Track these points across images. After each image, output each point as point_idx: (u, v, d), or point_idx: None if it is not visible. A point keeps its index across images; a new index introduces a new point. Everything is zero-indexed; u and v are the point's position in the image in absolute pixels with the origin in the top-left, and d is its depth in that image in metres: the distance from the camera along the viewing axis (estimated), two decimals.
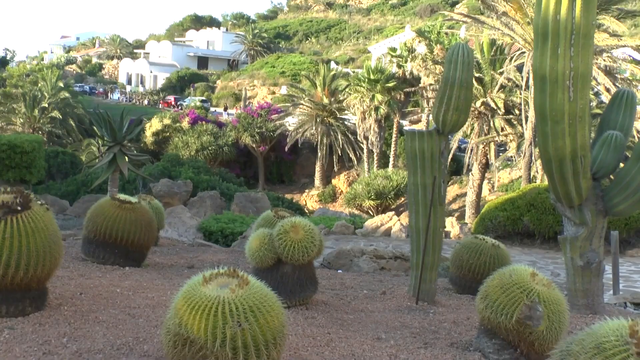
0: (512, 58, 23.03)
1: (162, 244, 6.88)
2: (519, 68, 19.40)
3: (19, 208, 3.29)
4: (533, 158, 17.36)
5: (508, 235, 11.47)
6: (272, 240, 3.96)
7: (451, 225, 11.70)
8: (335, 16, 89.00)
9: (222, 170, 21.83)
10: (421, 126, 45.50)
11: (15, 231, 3.22)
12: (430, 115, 24.84)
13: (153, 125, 36.88)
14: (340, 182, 38.56)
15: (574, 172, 4.59)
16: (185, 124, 37.14)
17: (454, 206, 32.21)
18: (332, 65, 58.59)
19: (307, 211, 19.75)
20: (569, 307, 3.63)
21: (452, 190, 33.86)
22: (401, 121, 35.81)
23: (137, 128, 8.62)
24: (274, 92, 58.31)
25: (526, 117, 17.59)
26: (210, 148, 35.47)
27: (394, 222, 11.53)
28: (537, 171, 22.61)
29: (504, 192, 30.44)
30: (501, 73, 22.43)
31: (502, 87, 23.15)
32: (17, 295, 3.31)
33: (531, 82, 17.03)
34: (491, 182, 29.15)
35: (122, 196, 5.17)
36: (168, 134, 36.88)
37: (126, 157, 8.14)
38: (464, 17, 18.59)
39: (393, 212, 12.23)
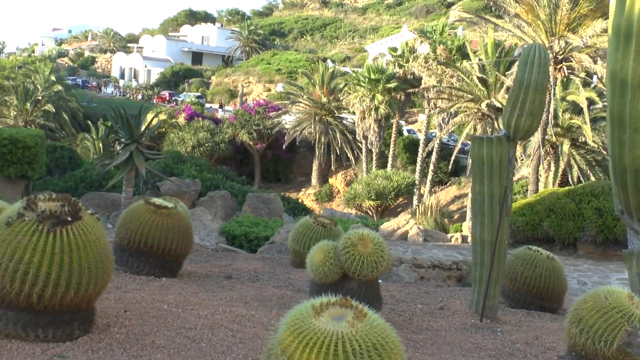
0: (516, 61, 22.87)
1: None
2: None
3: (69, 219, 2.91)
4: (541, 160, 17.14)
5: (526, 241, 11.20)
6: (338, 253, 3.61)
7: (469, 230, 11.40)
8: (330, 14, 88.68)
9: (224, 168, 21.39)
10: (417, 127, 45.33)
11: (65, 245, 2.84)
12: (431, 117, 24.47)
13: (148, 120, 36.29)
14: (337, 181, 38.21)
15: None
16: (181, 119, 36.62)
17: (453, 207, 32.01)
18: (329, 63, 58.37)
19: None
20: None
21: (450, 192, 33.67)
22: (400, 121, 35.57)
23: (155, 126, 8.19)
24: (269, 89, 57.81)
25: None
26: (206, 145, 34.99)
27: (411, 226, 11.22)
28: (539, 174, 22.37)
29: None
30: (510, 74, 22.20)
31: (507, 88, 22.94)
32: (65, 317, 2.93)
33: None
34: None
35: (158, 200, 4.78)
36: (164, 129, 36.30)
37: (143, 156, 7.73)
38: (474, 16, 18.27)
39: (410, 216, 11.92)
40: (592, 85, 19.78)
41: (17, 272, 2.78)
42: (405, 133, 37.96)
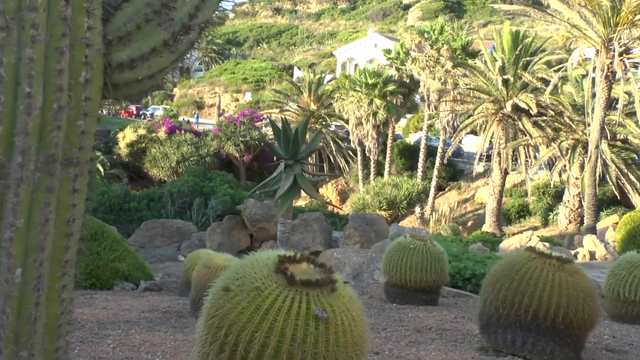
0: (542, 57, 22.23)
1: None
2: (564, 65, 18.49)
3: None
4: (597, 161, 16.34)
5: None
6: None
7: (594, 245, 10.30)
8: (285, 21, 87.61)
9: (249, 183, 19.53)
10: (397, 130, 44.49)
11: None
12: (434, 120, 23.36)
13: (127, 136, 33.62)
14: (328, 191, 36.71)
15: None
16: (161, 134, 34.17)
17: (456, 213, 31.21)
18: (296, 70, 56.98)
19: None
20: None
21: (450, 197, 32.86)
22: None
23: (317, 139, 6.55)
24: (237, 99, 55.87)
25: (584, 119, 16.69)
26: (191, 159, 32.77)
27: (535, 243, 9.99)
28: (571, 174, 21.54)
29: (509, 197, 29.86)
30: (530, 72, 21.53)
31: (525, 85, 22.22)
32: None
33: (598, 79, 16.12)
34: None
35: (549, 251, 3.26)
36: (144, 145, 33.76)
37: (307, 178, 6.06)
38: (529, 8, 17.17)
39: (531, 232, 10.68)
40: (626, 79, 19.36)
41: None
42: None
